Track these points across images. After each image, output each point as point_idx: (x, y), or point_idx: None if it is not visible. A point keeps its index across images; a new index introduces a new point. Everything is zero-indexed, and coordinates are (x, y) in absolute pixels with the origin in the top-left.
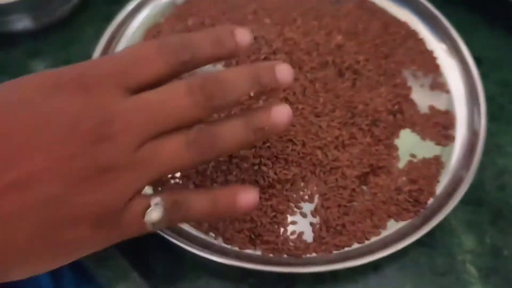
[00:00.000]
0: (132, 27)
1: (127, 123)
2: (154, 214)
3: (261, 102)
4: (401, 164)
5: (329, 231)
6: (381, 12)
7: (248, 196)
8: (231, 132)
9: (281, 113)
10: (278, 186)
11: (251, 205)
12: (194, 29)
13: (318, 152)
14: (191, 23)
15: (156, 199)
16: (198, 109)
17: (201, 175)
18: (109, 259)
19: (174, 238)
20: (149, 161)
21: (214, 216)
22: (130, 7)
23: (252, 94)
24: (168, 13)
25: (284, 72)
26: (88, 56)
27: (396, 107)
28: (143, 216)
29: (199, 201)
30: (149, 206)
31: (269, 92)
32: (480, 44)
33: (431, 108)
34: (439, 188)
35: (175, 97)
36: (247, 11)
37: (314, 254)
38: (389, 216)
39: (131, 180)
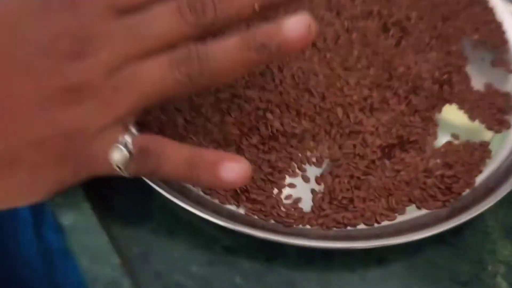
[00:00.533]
0: None
1: (108, 41)
2: (116, 155)
3: None
4: (438, 143)
5: (332, 204)
6: None
7: (235, 169)
8: (226, 50)
9: (296, 24)
10: (282, 140)
11: (237, 181)
12: None
13: (339, 110)
14: None
15: (124, 138)
16: (187, 27)
17: (195, 110)
18: None
19: None
20: (128, 83)
21: (189, 181)
22: None
23: (256, 7)
24: None
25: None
26: None
27: (446, 76)
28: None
29: (174, 159)
30: (116, 143)
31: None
32: None
33: (488, 86)
34: (480, 180)
35: (163, 15)
36: None
37: (308, 227)
38: (410, 201)
39: (106, 104)
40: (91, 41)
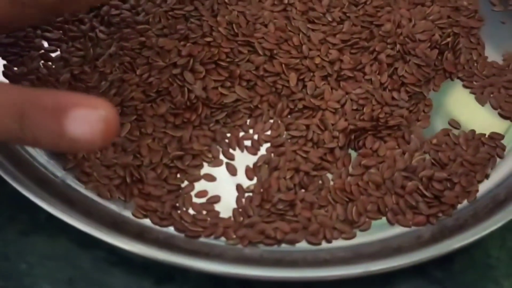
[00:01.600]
0: None
1: None
2: None
3: None
4: (429, 132)
5: (264, 208)
6: None
7: (89, 117)
8: None
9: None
10: (204, 112)
11: (93, 138)
12: None
13: (292, 76)
14: None
15: None
16: None
17: (88, 62)
18: None
19: None
20: None
21: (21, 141)
22: None
23: None
24: None
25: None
26: None
27: (449, 40)
28: None
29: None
30: None
31: None
32: None
33: (508, 58)
34: (484, 188)
35: None
36: None
37: (222, 240)
38: (380, 212)
39: None
40: None
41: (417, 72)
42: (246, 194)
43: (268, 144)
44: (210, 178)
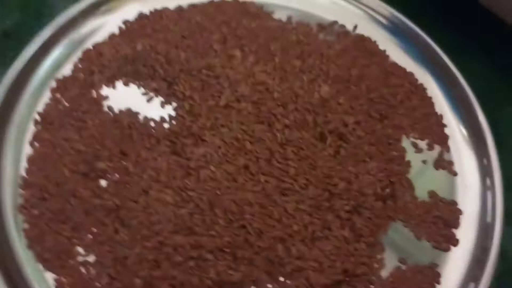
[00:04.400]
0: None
1: None
2: None
3: None
4: (385, 273)
5: None
6: (382, 57)
7: None
8: None
9: None
10: None
11: None
12: (144, 56)
13: (279, 247)
14: (141, 47)
15: None
16: None
17: (120, 264)
18: None
19: None
20: None
21: None
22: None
23: None
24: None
25: None
26: None
27: (388, 190)
28: None
29: None
30: None
31: None
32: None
33: (433, 194)
34: None
35: None
36: (214, 37)
37: None
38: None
39: None
40: None
41: (369, 223)
42: None
43: None
44: None
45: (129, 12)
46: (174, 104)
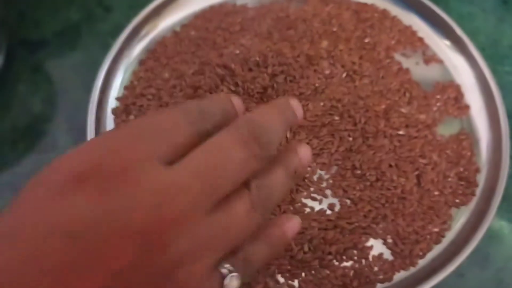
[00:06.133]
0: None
1: (185, 202)
2: (234, 282)
3: None
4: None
5: (405, 243)
6: (346, 1)
7: (294, 224)
8: (280, 182)
9: (306, 151)
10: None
11: (296, 231)
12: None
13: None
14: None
15: (227, 267)
16: (255, 161)
17: (295, 259)
18: None
19: None
20: (221, 236)
21: (274, 256)
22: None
23: None
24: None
25: (298, 107)
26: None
27: (407, 95)
28: None
29: (260, 250)
30: (223, 277)
31: None
32: None
33: (437, 83)
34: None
35: (231, 154)
36: (234, 28)
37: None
38: (449, 206)
39: (205, 264)
40: (167, 204)
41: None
42: (390, 242)
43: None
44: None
45: None
46: None
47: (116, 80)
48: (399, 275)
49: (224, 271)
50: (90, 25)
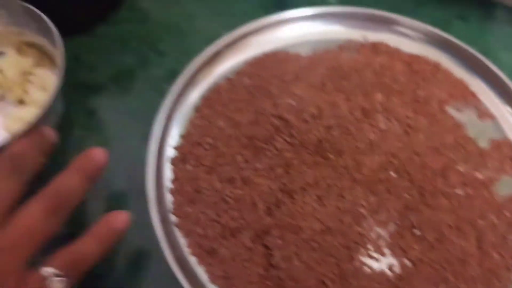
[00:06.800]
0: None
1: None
2: (58, 285)
3: None
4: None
5: None
6: (397, 52)
7: (119, 217)
8: (76, 186)
9: (100, 153)
10: None
11: (125, 223)
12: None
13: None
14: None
15: (49, 270)
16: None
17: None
18: None
19: None
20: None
21: (106, 250)
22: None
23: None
24: None
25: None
26: None
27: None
28: None
29: (87, 249)
30: (44, 279)
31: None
32: None
33: (492, 141)
34: None
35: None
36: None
37: None
38: (510, 269)
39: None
40: None
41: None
42: None
43: None
44: None
45: None
46: None
47: (173, 129)
48: None
49: (45, 273)
50: (144, 70)
